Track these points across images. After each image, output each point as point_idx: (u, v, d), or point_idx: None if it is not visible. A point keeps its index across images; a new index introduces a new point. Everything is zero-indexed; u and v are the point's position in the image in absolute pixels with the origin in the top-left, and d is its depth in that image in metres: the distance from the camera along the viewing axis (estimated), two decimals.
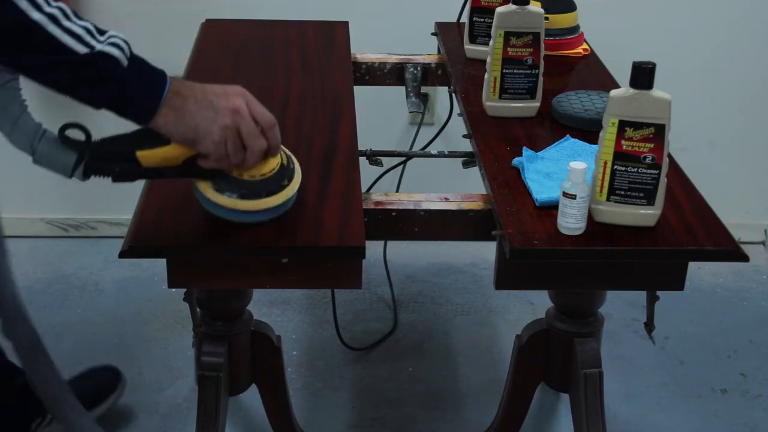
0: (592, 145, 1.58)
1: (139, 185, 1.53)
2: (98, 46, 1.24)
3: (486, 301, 2.61)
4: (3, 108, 1.33)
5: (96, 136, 1.35)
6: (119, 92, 1.26)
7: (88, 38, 1.24)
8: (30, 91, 1.38)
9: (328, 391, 2.26)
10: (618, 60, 1.92)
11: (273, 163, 1.38)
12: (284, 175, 1.39)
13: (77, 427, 1.72)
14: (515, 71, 1.78)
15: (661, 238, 1.43)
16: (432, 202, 1.59)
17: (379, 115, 2.64)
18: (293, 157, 1.45)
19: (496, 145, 1.70)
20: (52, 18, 1.21)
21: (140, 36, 1.69)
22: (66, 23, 1.23)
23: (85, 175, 1.35)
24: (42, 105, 1.72)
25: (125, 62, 1.26)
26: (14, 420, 1.96)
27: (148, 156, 1.32)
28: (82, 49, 1.23)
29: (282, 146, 1.41)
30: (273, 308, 2.53)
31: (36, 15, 1.20)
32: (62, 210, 2.81)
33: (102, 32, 1.26)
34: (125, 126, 1.33)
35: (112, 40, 1.26)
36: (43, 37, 1.21)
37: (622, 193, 1.43)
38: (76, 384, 2.05)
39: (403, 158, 2.37)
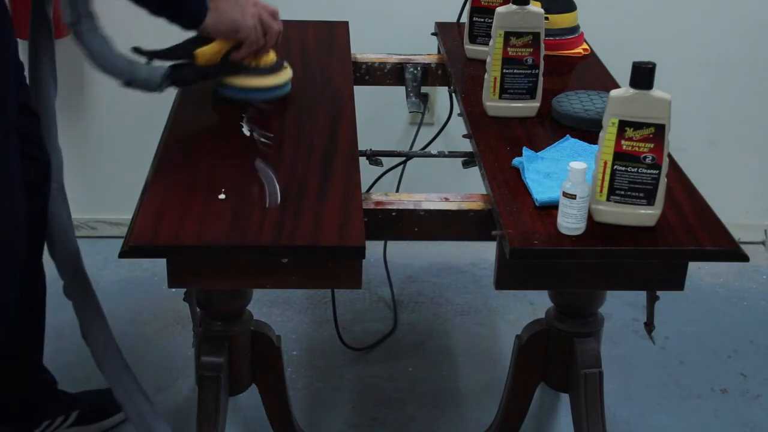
0: (592, 145, 1.58)
1: (139, 185, 1.54)
2: None
3: (486, 301, 2.61)
4: (98, 47, 1.63)
5: None
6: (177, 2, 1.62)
7: None
8: None
9: (328, 391, 2.26)
10: (618, 60, 1.92)
11: (272, 56, 1.81)
12: (282, 62, 1.84)
13: (121, 384, 1.87)
14: (515, 71, 1.78)
15: (661, 238, 1.43)
16: (432, 202, 1.59)
17: (379, 115, 2.64)
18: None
19: (496, 145, 1.70)
20: None
21: (143, 36, 1.72)
22: None
23: (167, 86, 1.71)
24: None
25: None
26: (27, 414, 1.97)
27: (204, 52, 1.71)
28: None
29: None
30: (273, 308, 2.53)
31: None
32: None
33: None
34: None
35: None
36: None
37: (622, 193, 1.43)
38: (86, 396, 2.07)
39: (403, 158, 2.37)
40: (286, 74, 1.84)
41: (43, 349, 1.96)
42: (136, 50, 1.66)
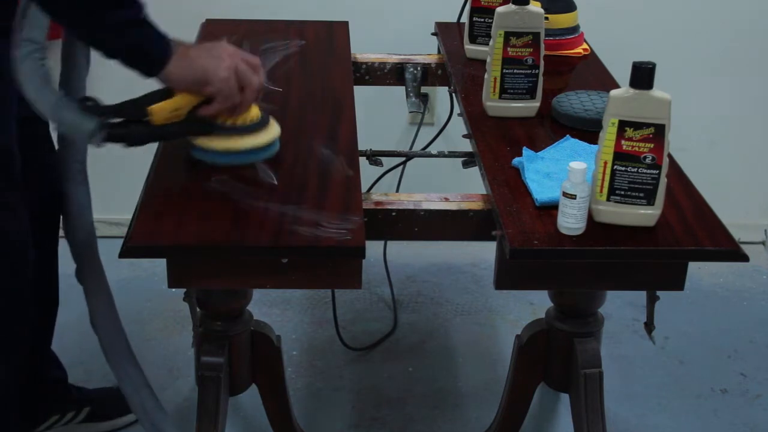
0: (592, 145, 1.58)
1: (138, 185, 1.54)
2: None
3: (486, 301, 2.61)
4: (27, 77, 1.45)
5: None
6: (136, 42, 1.41)
7: None
8: None
9: (328, 391, 2.25)
10: (618, 60, 1.92)
11: (255, 111, 1.56)
12: (266, 119, 1.58)
13: (128, 376, 1.82)
14: (515, 71, 1.78)
15: (661, 238, 1.43)
16: (432, 202, 1.59)
17: (379, 115, 2.64)
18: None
19: (496, 145, 1.70)
20: None
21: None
22: None
23: (104, 140, 1.46)
24: None
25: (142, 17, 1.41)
26: (36, 409, 1.96)
27: (159, 109, 1.47)
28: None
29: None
30: (273, 308, 2.53)
31: None
32: None
33: None
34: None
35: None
36: None
37: (622, 193, 1.43)
38: (100, 394, 2.07)
39: (403, 158, 2.37)
40: (272, 132, 1.58)
41: (51, 341, 1.95)
42: (85, 100, 1.46)
